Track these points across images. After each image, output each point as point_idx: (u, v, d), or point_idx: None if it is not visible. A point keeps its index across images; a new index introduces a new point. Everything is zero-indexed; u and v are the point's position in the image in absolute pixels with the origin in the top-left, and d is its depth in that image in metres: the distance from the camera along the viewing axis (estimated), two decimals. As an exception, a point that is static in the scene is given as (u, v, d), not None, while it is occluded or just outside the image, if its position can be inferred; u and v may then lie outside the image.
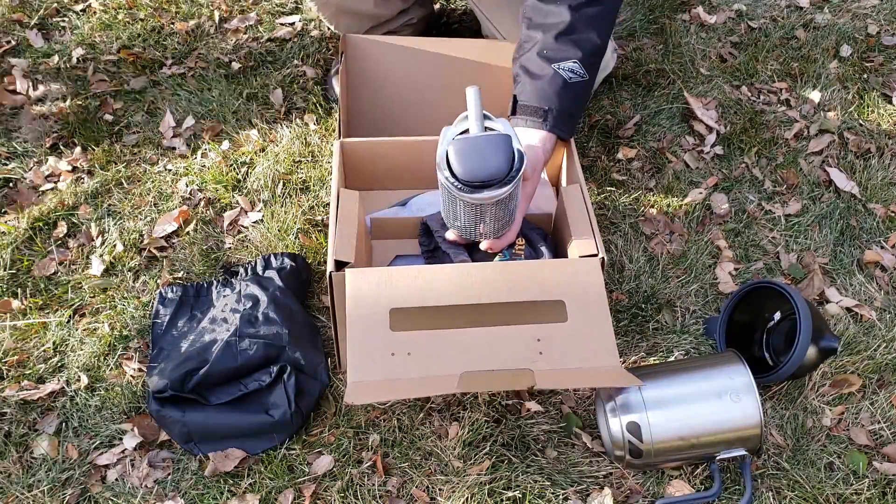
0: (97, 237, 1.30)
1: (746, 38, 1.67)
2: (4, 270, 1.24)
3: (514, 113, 1.06)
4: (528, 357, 0.86)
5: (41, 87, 1.55)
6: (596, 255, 0.95)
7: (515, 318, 0.89)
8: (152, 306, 1.18)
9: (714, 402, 0.97)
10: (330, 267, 0.92)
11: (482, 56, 1.28)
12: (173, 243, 1.30)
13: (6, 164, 1.41)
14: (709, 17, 1.70)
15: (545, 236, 1.13)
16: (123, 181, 1.39)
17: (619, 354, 1.13)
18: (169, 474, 1.02)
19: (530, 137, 1.03)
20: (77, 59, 1.61)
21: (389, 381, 0.84)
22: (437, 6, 1.69)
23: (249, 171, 1.40)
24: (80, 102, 1.51)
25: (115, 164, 1.42)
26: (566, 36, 1.04)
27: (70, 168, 1.41)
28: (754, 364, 1.02)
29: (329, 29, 1.63)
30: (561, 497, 1.00)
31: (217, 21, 1.69)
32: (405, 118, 1.34)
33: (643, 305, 1.21)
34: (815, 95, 1.53)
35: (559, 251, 1.15)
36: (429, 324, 0.89)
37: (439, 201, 1.20)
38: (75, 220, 1.33)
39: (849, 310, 1.20)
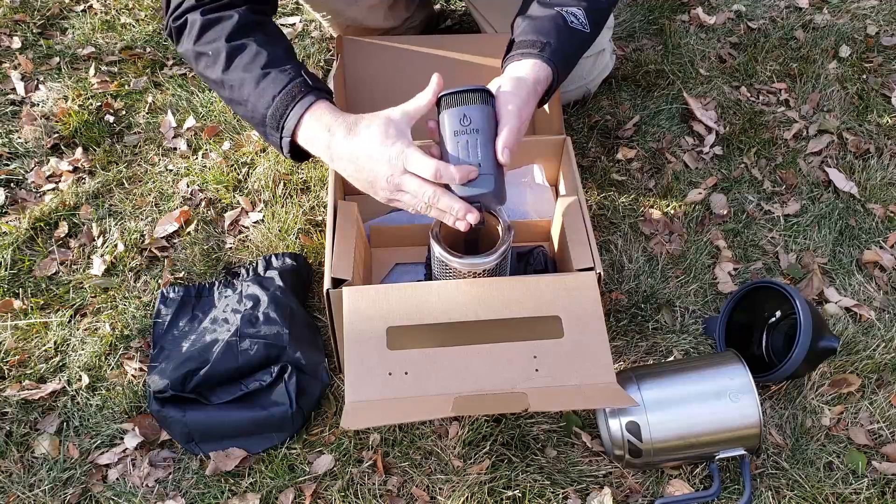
0: (98, 237, 1.31)
1: (746, 38, 1.67)
2: (6, 270, 1.25)
3: (508, 52, 0.97)
4: (525, 374, 0.86)
5: (42, 88, 1.55)
6: (592, 269, 0.95)
7: (512, 334, 0.89)
8: (153, 306, 1.18)
9: (713, 401, 0.97)
10: (327, 284, 0.93)
11: (478, 51, 1.28)
12: (174, 243, 1.30)
13: (7, 165, 1.42)
14: (708, 18, 1.71)
15: (545, 260, 1.13)
16: (125, 181, 1.40)
17: (617, 356, 1.15)
18: (170, 474, 1.03)
19: (520, 69, 0.92)
20: (78, 59, 1.62)
21: (386, 404, 0.84)
22: (437, 7, 1.69)
23: (250, 171, 1.41)
24: (81, 103, 1.52)
25: (117, 164, 1.42)
26: None
27: (71, 168, 1.41)
28: (753, 364, 1.02)
29: (329, 30, 1.63)
30: (561, 496, 1.00)
31: (218, 22, 1.69)
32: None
33: (643, 305, 1.21)
34: (815, 96, 1.54)
35: (556, 260, 1.15)
36: (426, 341, 0.90)
37: None
38: (76, 221, 1.33)
39: (848, 310, 1.21)
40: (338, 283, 0.93)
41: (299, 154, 0.93)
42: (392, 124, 0.84)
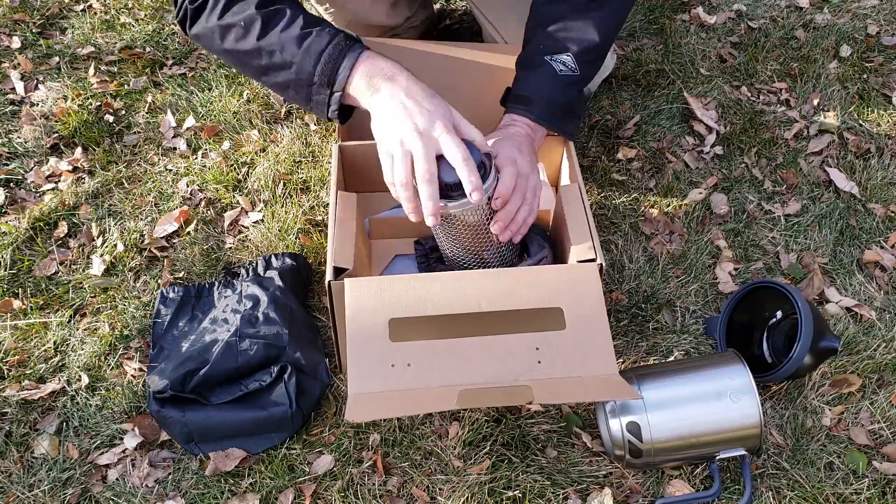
0: (98, 237, 1.30)
1: (746, 38, 1.67)
2: (5, 270, 1.25)
3: (503, 102, 1.05)
4: (527, 366, 0.86)
5: (42, 88, 1.55)
6: (594, 261, 0.95)
7: (514, 326, 0.89)
8: (153, 306, 1.18)
9: (714, 402, 0.97)
10: (329, 276, 0.92)
11: (482, 59, 1.28)
12: (174, 243, 1.30)
13: (7, 165, 1.42)
14: (708, 18, 1.70)
15: (545, 241, 1.13)
16: (124, 181, 1.39)
17: (618, 356, 1.15)
18: (169, 474, 1.03)
19: (515, 124, 1.01)
20: (78, 59, 1.62)
21: (389, 396, 0.84)
22: (437, 7, 1.69)
23: (250, 171, 1.40)
24: (80, 103, 1.52)
25: (116, 164, 1.42)
26: (562, 31, 1.03)
27: (71, 168, 1.41)
28: (754, 364, 1.02)
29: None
30: (561, 496, 1.00)
31: (217, 21, 1.69)
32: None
33: (643, 305, 1.21)
34: (815, 96, 1.53)
35: (557, 252, 1.15)
36: (428, 333, 0.89)
37: None
38: (76, 220, 1.33)
39: (848, 309, 1.20)
40: (339, 272, 0.93)
41: (344, 112, 0.95)
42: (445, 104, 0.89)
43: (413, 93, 0.88)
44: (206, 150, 1.44)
